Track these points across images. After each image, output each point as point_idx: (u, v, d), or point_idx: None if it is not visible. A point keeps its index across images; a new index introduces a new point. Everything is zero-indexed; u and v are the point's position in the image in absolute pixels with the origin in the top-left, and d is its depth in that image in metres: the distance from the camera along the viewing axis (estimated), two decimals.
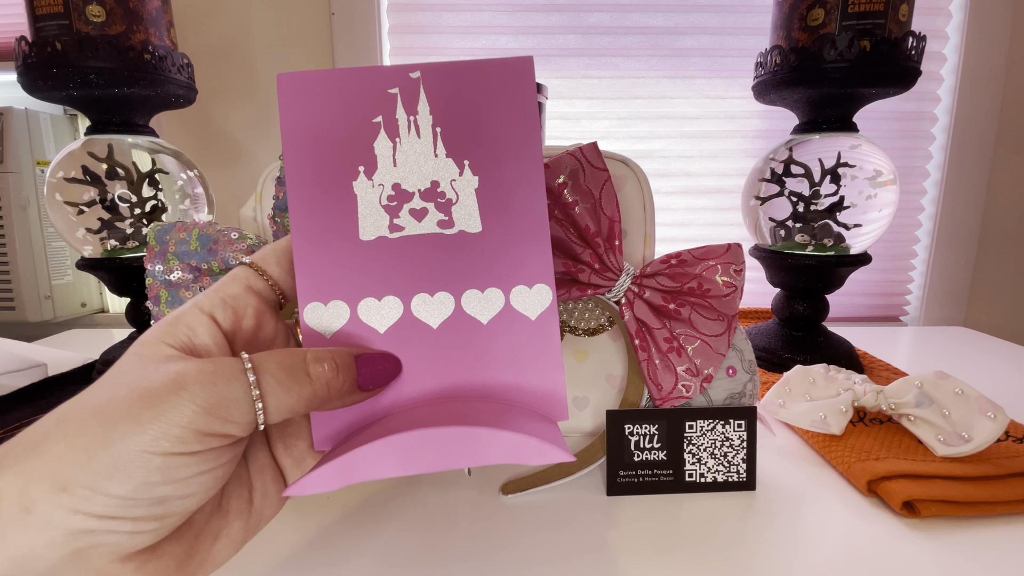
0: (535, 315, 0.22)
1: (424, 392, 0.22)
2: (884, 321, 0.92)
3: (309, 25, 0.83)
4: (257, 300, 0.21)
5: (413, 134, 0.22)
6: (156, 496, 0.16)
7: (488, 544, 0.30)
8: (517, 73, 0.22)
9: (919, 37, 0.49)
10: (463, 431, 0.18)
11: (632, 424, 0.35)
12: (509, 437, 0.18)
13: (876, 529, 0.32)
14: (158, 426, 0.16)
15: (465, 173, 0.22)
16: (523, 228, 0.22)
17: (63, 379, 0.54)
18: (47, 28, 0.46)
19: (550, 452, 0.18)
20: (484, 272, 0.22)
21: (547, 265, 0.22)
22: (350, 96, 0.22)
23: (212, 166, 0.86)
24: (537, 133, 0.22)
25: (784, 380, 0.45)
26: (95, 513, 0.15)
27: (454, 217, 0.22)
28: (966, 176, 0.86)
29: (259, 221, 0.38)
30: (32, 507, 0.15)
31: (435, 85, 0.22)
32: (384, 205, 0.22)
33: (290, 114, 0.22)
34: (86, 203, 0.51)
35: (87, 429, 0.16)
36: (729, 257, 0.34)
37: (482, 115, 0.22)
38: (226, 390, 0.17)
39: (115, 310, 0.95)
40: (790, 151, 0.55)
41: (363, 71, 0.22)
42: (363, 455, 0.18)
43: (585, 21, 0.84)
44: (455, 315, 0.22)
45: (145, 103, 0.52)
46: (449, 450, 0.18)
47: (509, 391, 0.22)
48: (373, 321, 0.22)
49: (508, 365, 0.22)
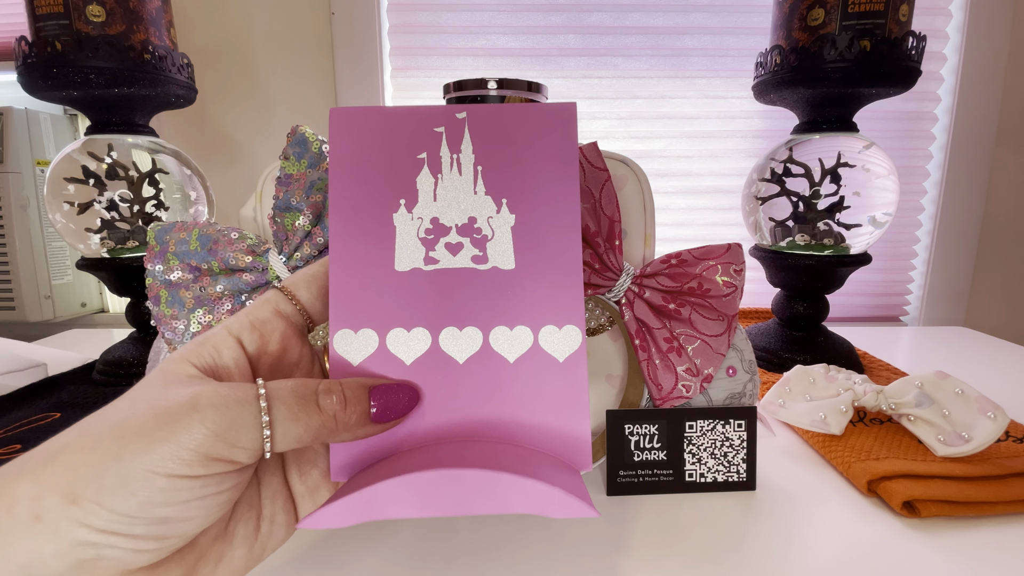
0: (563, 357, 0.22)
1: (445, 427, 0.22)
2: (884, 321, 0.92)
3: (309, 25, 0.83)
4: (285, 324, 0.22)
5: (455, 171, 0.23)
6: (157, 516, 0.16)
7: (489, 543, 0.30)
8: (561, 117, 0.23)
9: (919, 37, 0.49)
10: (486, 475, 0.18)
11: (632, 424, 0.35)
12: (532, 487, 0.17)
13: (876, 529, 0.32)
14: (167, 447, 0.16)
15: (503, 211, 0.23)
16: (556, 268, 0.22)
17: (63, 379, 0.54)
18: (47, 28, 0.46)
19: (574, 506, 0.17)
20: (514, 309, 0.22)
21: (579, 307, 0.22)
22: (397, 132, 0.23)
23: (211, 166, 0.86)
24: (575, 176, 0.23)
25: (784, 380, 0.45)
26: (98, 527, 0.15)
27: (488, 253, 0.22)
28: (966, 176, 0.86)
29: (259, 221, 0.38)
30: (43, 515, 0.15)
31: (480, 125, 0.23)
32: (422, 238, 0.22)
33: (339, 146, 0.23)
34: (86, 203, 0.51)
35: (102, 444, 0.16)
36: (729, 257, 0.35)
37: (523, 156, 0.23)
38: (237, 415, 0.17)
39: (115, 310, 0.95)
40: (790, 151, 0.55)
41: (412, 110, 0.23)
42: (381, 492, 0.18)
43: (585, 21, 0.84)
44: (482, 351, 0.22)
45: (145, 103, 0.52)
46: (469, 494, 0.18)
47: (531, 433, 0.21)
48: (401, 352, 0.22)
49: (532, 406, 0.22)
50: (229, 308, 0.34)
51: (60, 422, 0.44)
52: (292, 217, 0.33)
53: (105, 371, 0.54)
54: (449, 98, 0.49)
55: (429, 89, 0.85)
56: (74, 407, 0.47)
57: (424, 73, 0.85)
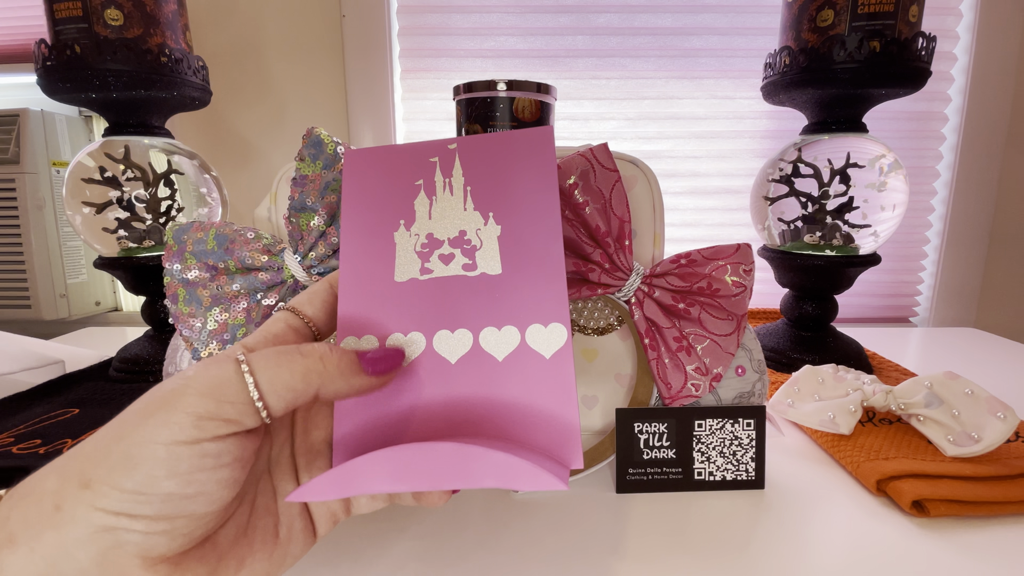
0: (549, 354, 0.23)
1: (440, 424, 0.23)
2: (894, 322, 0.92)
3: (320, 27, 0.84)
4: (295, 337, 0.23)
5: (447, 192, 0.26)
6: (162, 491, 0.17)
7: (499, 540, 0.31)
8: (539, 140, 0.25)
9: (929, 38, 0.49)
10: (456, 448, 0.18)
11: (641, 422, 0.35)
12: (500, 458, 0.18)
13: (885, 528, 0.32)
14: (160, 415, 0.17)
15: (489, 223, 0.25)
16: (540, 271, 0.24)
17: (80, 376, 0.55)
18: (66, 31, 0.47)
19: (541, 477, 0.18)
20: (502, 311, 0.23)
21: (563, 305, 0.23)
22: (399, 165, 0.26)
23: (225, 167, 0.87)
24: (555, 189, 0.25)
25: (793, 380, 0.45)
26: (111, 509, 0.16)
27: (477, 261, 0.24)
28: (976, 176, 0.86)
29: (273, 221, 0.39)
30: (62, 504, 0.16)
31: (469, 152, 0.26)
32: (418, 251, 0.25)
33: (351, 181, 0.26)
34: (103, 203, 0.52)
35: (108, 431, 0.17)
36: (738, 257, 0.35)
37: (507, 175, 0.25)
38: (218, 372, 0.18)
39: (128, 308, 0.96)
40: (799, 151, 0.55)
41: (412, 146, 0.26)
42: (358, 467, 0.19)
43: (593, 22, 0.84)
44: (472, 351, 0.23)
45: (162, 105, 0.52)
46: (441, 468, 0.18)
47: (522, 428, 0.22)
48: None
49: (522, 402, 0.22)
50: (245, 306, 0.35)
51: (78, 418, 0.45)
52: (307, 217, 0.33)
53: (121, 368, 0.55)
54: (459, 99, 0.49)
55: (438, 91, 0.85)
56: (92, 403, 0.48)
57: (433, 75, 0.85)
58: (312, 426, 0.23)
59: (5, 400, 0.49)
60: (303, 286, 0.35)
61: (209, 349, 0.35)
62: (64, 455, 0.18)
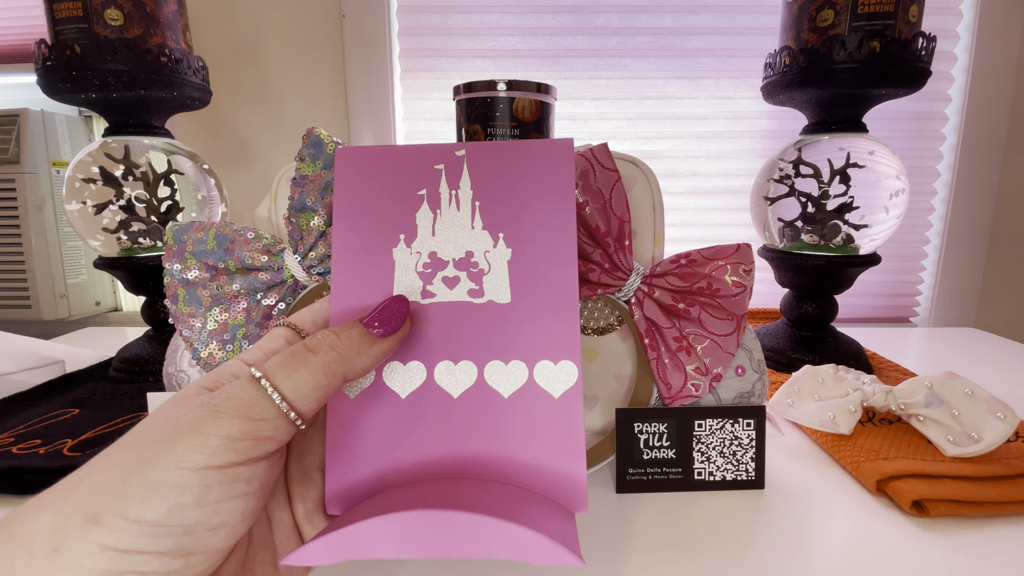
0: (558, 393, 0.21)
1: (439, 462, 0.21)
2: (894, 322, 0.92)
3: (320, 27, 0.84)
4: None
5: (453, 207, 0.23)
6: (187, 522, 0.16)
7: None
8: (557, 153, 0.23)
9: (929, 38, 0.49)
10: (470, 519, 0.17)
11: (641, 422, 0.35)
12: (518, 532, 0.17)
13: (885, 528, 0.32)
14: (191, 439, 0.16)
15: (499, 245, 0.23)
16: (552, 303, 0.22)
17: (80, 376, 0.55)
18: (66, 31, 0.47)
19: (560, 555, 0.17)
20: (509, 344, 0.22)
21: (575, 343, 0.22)
22: (399, 169, 0.24)
23: (225, 167, 0.87)
24: (572, 211, 0.23)
25: (793, 380, 0.45)
26: (123, 547, 0.15)
27: (484, 287, 0.23)
28: (977, 176, 0.86)
29: (273, 221, 0.39)
30: (61, 546, 0.14)
31: (478, 162, 0.23)
32: (419, 272, 0.23)
33: (344, 184, 0.23)
34: (103, 203, 0.52)
35: (124, 458, 0.16)
36: (738, 257, 0.35)
37: (521, 191, 0.23)
38: (239, 392, 0.17)
39: (128, 308, 0.96)
40: (799, 151, 0.55)
41: (413, 148, 0.24)
42: (365, 530, 0.17)
43: (593, 22, 0.84)
44: (476, 386, 0.22)
45: (162, 105, 0.52)
46: (453, 537, 0.17)
47: (525, 472, 0.21)
48: (396, 385, 0.22)
49: (526, 444, 0.21)
50: (245, 306, 0.35)
51: (78, 418, 0.45)
52: (307, 217, 0.34)
53: (121, 368, 0.55)
54: (459, 99, 0.49)
55: (438, 90, 0.85)
56: (92, 403, 0.48)
57: (433, 75, 0.85)
58: (306, 452, 0.23)
59: (5, 400, 0.48)
60: (303, 286, 0.35)
61: (209, 349, 0.35)
62: (55, 489, 0.16)
